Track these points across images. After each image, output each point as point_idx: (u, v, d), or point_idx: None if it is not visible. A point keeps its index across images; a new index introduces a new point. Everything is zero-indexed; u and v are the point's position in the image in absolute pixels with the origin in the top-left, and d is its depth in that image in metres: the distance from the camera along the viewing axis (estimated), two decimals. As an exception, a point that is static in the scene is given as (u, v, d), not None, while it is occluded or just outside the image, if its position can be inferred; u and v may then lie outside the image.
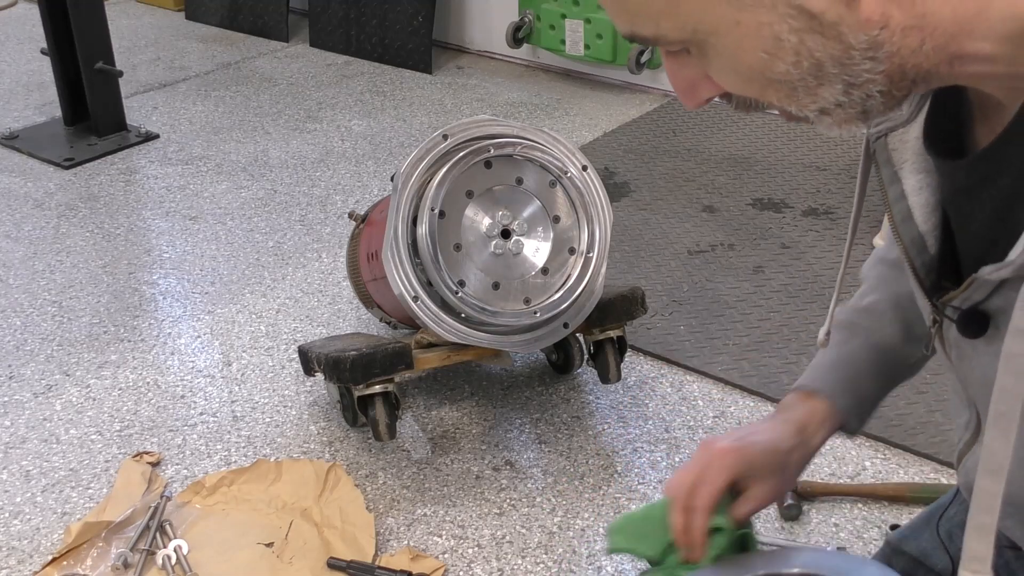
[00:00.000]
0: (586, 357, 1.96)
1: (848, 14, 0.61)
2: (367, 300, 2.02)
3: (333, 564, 1.56)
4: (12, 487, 1.74)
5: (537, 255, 1.66)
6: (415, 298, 1.61)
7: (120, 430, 1.87)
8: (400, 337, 1.83)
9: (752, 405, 1.91)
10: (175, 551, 1.59)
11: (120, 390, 1.98)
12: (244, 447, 1.83)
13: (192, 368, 2.05)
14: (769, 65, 0.64)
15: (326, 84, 3.55)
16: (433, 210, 1.58)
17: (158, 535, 1.62)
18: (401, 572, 1.53)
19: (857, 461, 1.75)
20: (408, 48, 3.65)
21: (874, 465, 1.75)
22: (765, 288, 2.27)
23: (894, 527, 1.58)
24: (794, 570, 0.94)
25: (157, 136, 3.11)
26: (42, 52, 3.04)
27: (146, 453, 1.80)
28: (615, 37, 3.26)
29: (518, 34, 3.51)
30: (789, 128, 3.01)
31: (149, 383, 2.00)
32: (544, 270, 1.66)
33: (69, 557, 1.57)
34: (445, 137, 1.64)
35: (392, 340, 1.74)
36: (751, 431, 0.97)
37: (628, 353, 1.96)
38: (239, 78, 3.61)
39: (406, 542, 1.62)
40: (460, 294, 1.59)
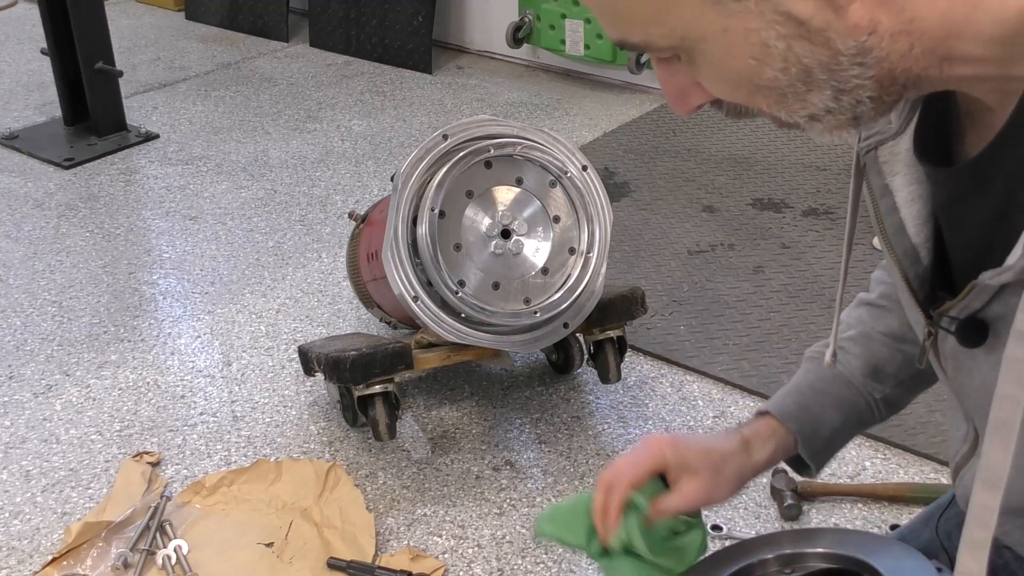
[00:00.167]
0: (586, 357, 1.96)
1: (836, 20, 0.61)
2: (367, 300, 2.02)
3: (333, 564, 1.56)
4: (12, 487, 1.74)
5: (537, 255, 1.66)
6: (415, 298, 1.61)
7: (120, 430, 1.87)
8: (400, 337, 1.83)
9: (752, 405, 1.91)
10: (175, 551, 1.59)
11: (120, 390, 1.98)
12: (244, 447, 1.83)
13: (192, 368, 2.05)
14: (757, 71, 0.64)
15: (326, 84, 3.55)
16: (433, 210, 1.58)
17: (158, 535, 1.62)
18: (401, 572, 1.53)
19: (857, 461, 1.75)
20: (408, 48, 3.65)
21: (874, 465, 1.75)
22: (765, 288, 2.27)
23: (894, 527, 1.58)
24: (818, 548, 0.94)
25: (157, 136, 3.11)
26: (42, 52, 3.04)
27: (146, 453, 1.80)
28: (615, 37, 3.26)
29: (518, 34, 3.51)
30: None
31: (149, 383, 2.00)
32: (544, 270, 1.66)
33: (69, 557, 1.57)
34: (445, 137, 1.64)
35: (392, 340, 1.74)
36: (695, 434, 1.01)
37: (628, 353, 1.96)
38: (239, 78, 3.61)
39: (406, 542, 1.62)
40: (460, 294, 1.59)
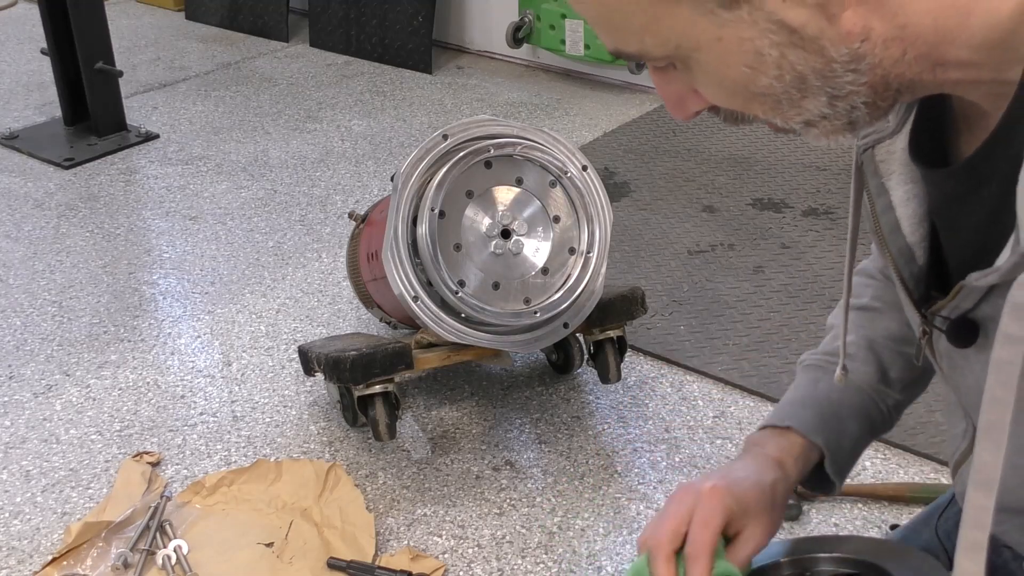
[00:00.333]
0: (586, 357, 1.96)
1: (828, 27, 0.61)
2: (367, 300, 2.02)
3: (333, 564, 1.56)
4: (12, 487, 1.74)
5: (537, 255, 1.66)
6: (415, 298, 1.61)
7: (120, 430, 1.87)
8: (400, 337, 1.83)
9: (752, 405, 1.91)
10: (175, 551, 1.59)
11: (120, 390, 1.98)
12: (244, 447, 1.83)
13: (192, 368, 2.05)
14: (752, 79, 0.64)
15: (326, 84, 3.55)
16: (433, 210, 1.58)
17: (158, 535, 1.62)
18: (401, 572, 1.53)
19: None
20: (408, 48, 3.65)
21: (874, 465, 1.75)
22: (765, 288, 2.27)
23: (894, 527, 1.58)
24: (835, 553, 0.92)
25: (157, 136, 3.11)
26: (42, 52, 3.03)
27: (146, 453, 1.80)
28: (615, 37, 3.26)
29: (518, 34, 3.51)
30: (789, 128, 3.01)
31: (149, 383, 2.00)
32: (544, 270, 1.66)
33: (69, 557, 1.57)
34: (445, 137, 1.64)
35: (392, 340, 1.74)
36: (729, 469, 0.92)
37: (628, 353, 1.96)
38: (239, 78, 3.61)
39: (406, 542, 1.62)
40: (460, 294, 1.59)
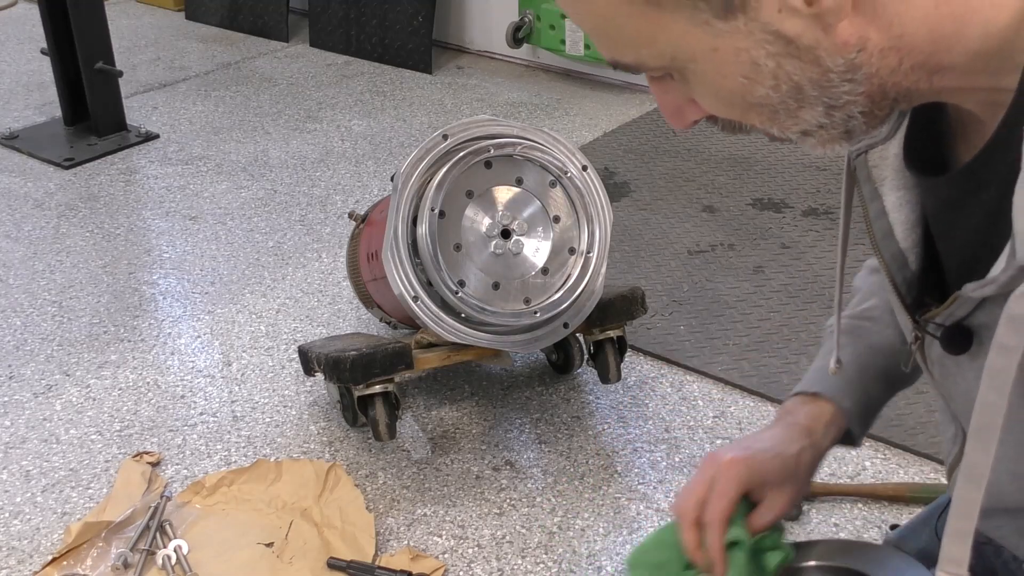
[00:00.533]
0: (586, 357, 1.96)
1: (825, 38, 0.61)
2: (367, 300, 2.02)
3: (333, 564, 1.56)
4: (12, 487, 1.74)
5: (537, 255, 1.66)
6: (415, 298, 1.61)
7: (120, 430, 1.87)
8: (400, 337, 1.83)
9: (752, 405, 1.91)
10: (175, 551, 1.59)
11: (120, 390, 1.98)
12: (244, 447, 1.83)
13: (192, 368, 2.05)
14: (749, 89, 0.65)
15: (326, 84, 3.55)
16: (433, 210, 1.58)
17: (158, 535, 1.62)
18: (401, 572, 1.53)
19: (857, 461, 1.75)
20: (408, 48, 3.65)
21: (874, 465, 1.75)
22: (765, 288, 2.27)
23: (894, 527, 1.58)
24: (811, 562, 0.93)
25: (157, 136, 3.11)
26: (42, 52, 3.03)
27: (146, 453, 1.80)
28: (615, 37, 3.26)
29: (518, 34, 3.51)
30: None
31: (149, 383, 2.00)
32: (544, 270, 1.66)
33: (69, 557, 1.57)
34: (445, 137, 1.64)
35: (392, 340, 1.74)
36: (755, 439, 0.95)
37: (628, 353, 1.96)
38: (239, 78, 3.61)
39: (406, 542, 1.62)
40: (460, 294, 1.59)
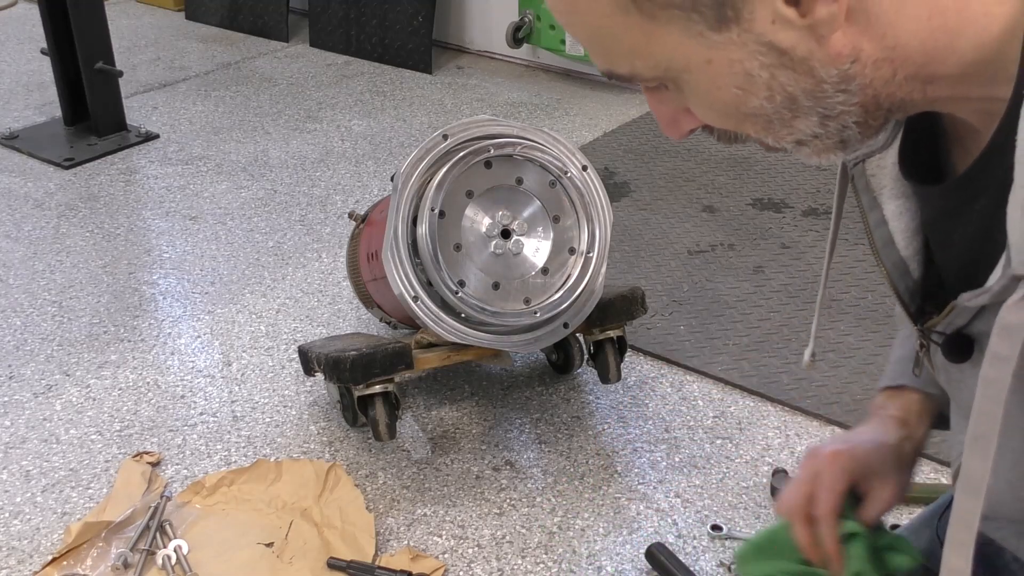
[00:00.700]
0: (586, 357, 1.96)
1: (818, 49, 0.62)
2: (367, 300, 2.02)
3: (333, 564, 1.56)
4: (12, 487, 1.74)
5: (537, 255, 1.66)
6: (415, 298, 1.61)
7: (120, 430, 1.87)
8: (400, 337, 1.83)
9: (752, 405, 1.91)
10: (175, 551, 1.59)
11: (120, 390, 1.98)
12: (244, 447, 1.83)
13: (192, 368, 2.05)
14: (743, 100, 0.65)
15: (326, 84, 3.55)
16: (433, 210, 1.58)
17: (158, 535, 1.62)
18: (401, 572, 1.53)
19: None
20: (408, 48, 3.65)
21: (874, 465, 1.75)
22: (765, 288, 2.27)
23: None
24: None
25: (157, 136, 3.11)
26: (42, 52, 3.03)
27: (146, 453, 1.80)
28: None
29: (518, 34, 3.51)
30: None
31: (149, 383, 2.00)
32: (544, 270, 1.66)
33: (69, 557, 1.57)
34: (445, 137, 1.64)
35: (392, 340, 1.74)
36: (853, 433, 0.95)
37: (628, 353, 1.96)
38: (239, 78, 3.61)
39: (406, 542, 1.62)
40: (460, 294, 1.59)
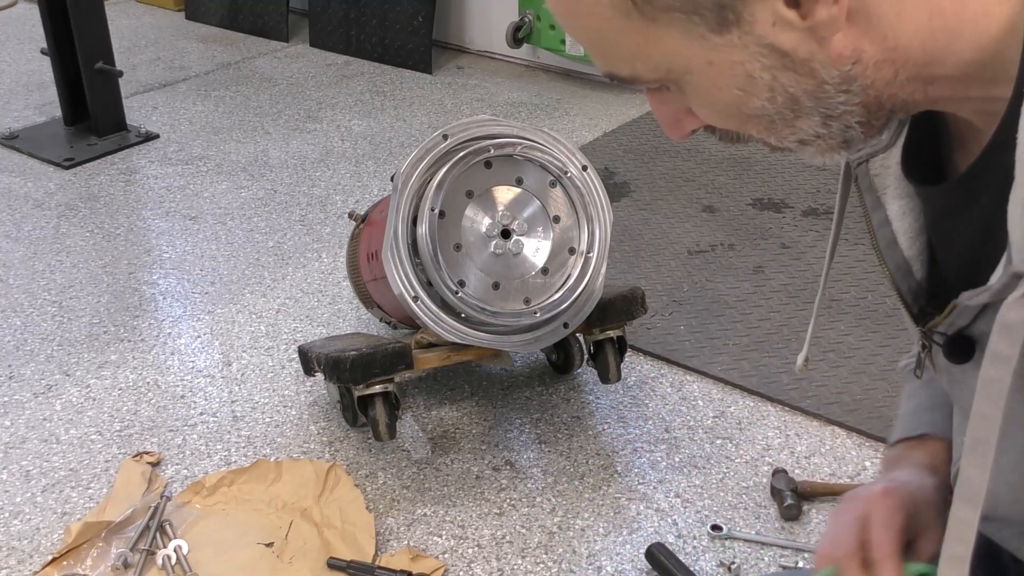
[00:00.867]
0: (586, 357, 1.96)
1: (819, 50, 0.62)
2: (367, 300, 2.02)
3: (333, 564, 1.56)
4: (12, 487, 1.74)
5: (537, 255, 1.66)
6: (415, 298, 1.61)
7: (120, 430, 1.87)
8: (400, 337, 1.83)
9: (752, 405, 1.91)
10: (175, 551, 1.59)
11: (120, 390, 1.98)
12: (244, 447, 1.83)
13: (192, 368, 2.05)
14: (744, 101, 0.65)
15: (326, 84, 3.55)
16: (433, 210, 1.58)
17: (158, 535, 1.62)
18: (401, 572, 1.53)
19: (857, 461, 1.75)
20: (408, 48, 3.65)
21: (874, 465, 1.74)
22: (765, 288, 2.27)
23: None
24: None
25: (157, 136, 3.11)
26: (42, 52, 3.03)
27: (146, 453, 1.80)
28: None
29: (518, 34, 3.51)
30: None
31: (149, 383, 2.00)
32: (544, 270, 1.66)
33: (69, 557, 1.57)
34: (445, 137, 1.64)
35: (392, 340, 1.74)
36: (892, 476, 0.88)
37: (628, 353, 1.96)
38: (239, 78, 3.61)
39: (406, 542, 1.62)
40: (460, 294, 1.59)
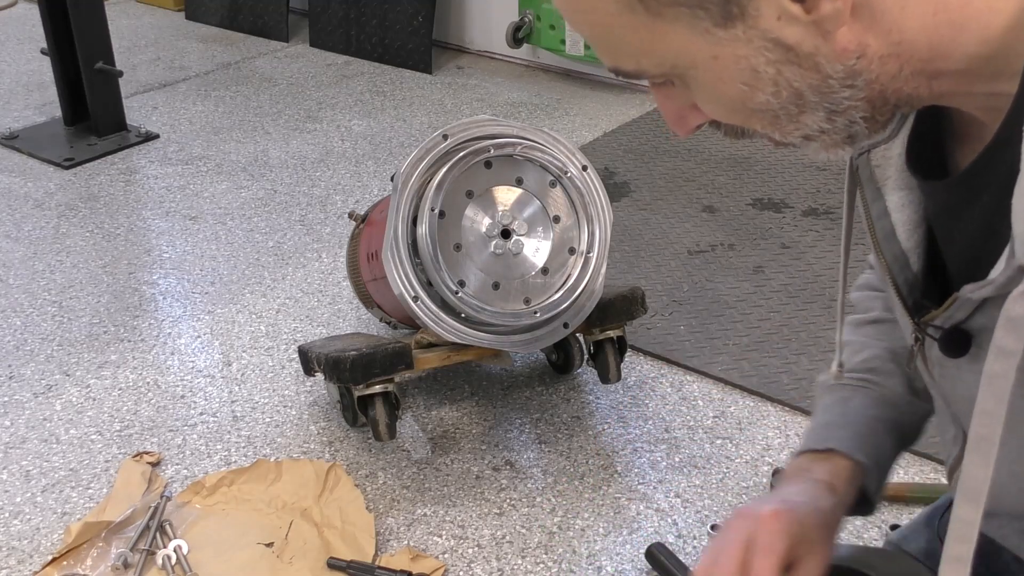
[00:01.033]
0: (586, 357, 1.96)
1: (824, 45, 0.62)
2: (367, 300, 2.02)
3: (333, 564, 1.56)
4: (12, 487, 1.74)
5: (537, 255, 1.66)
6: (415, 298, 1.61)
7: (120, 430, 1.87)
8: (400, 337, 1.83)
9: (752, 405, 1.91)
10: (175, 551, 1.59)
11: (120, 390, 1.98)
12: (244, 447, 1.83)
13: (192, 368, 2.05)
14: (749, 96, 0.65)
15: (326, 84, 3.55)
16: (433, 210, 1.58)
17: (158, 535, 1.62)
18: (401, 572, 1.53)
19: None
20: (408, 48, 3.65)
21: (874, 465, 1.74)
22: (765, 288, 2.27)
23: (894, 527, 1.58)
24: None
25: (157, 136, 3.11)
26: (42, 52, 3.03)
27: (146, 453, 1.80)
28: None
29: (518, 34, 3.51)
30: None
31: (149, 383, 2.00)
32: (544, 270, 1.66)
33: (69, 557, 1.57)
34: (445, 137, 1.64)
35: (392, 340, 1.74)
36: (785, 493, 0.87)
37: (628, 353, 1.96)
38: (239, 78, 3.61)
39: (406, 542, 1.62)
40: (460, 294, 1.59)
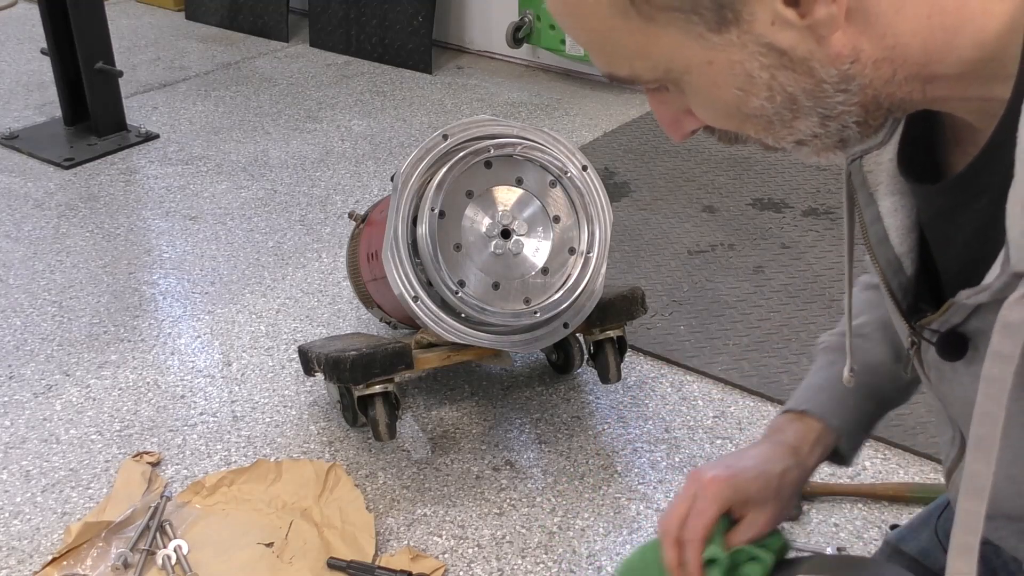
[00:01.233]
0: (586, 357, 1.96)
1: (818, 49, 0.62)
2: (367, 300, 2.02)
3: (333, 564, 1.56)
4: (12, 487, 1.74)
5: (537, 255, 1.66)
6: (415, 298, 1.61)
7: (120, 430, 1.87)
8: (400, 337, 1.83)
9: (752, 405, 1.91)
10: (175, 551, 1.59)
11: (120, 390, 1.98)
12: (244, 447, 1.83)
13: (192, 368, 2.05)
14: (744, 101, 0.65)
15: (326, 84, 3.55)
16: (433, 210, 1.58)
17: (158, 535, 1.62)
18: (401, 572, 1.53)
19: (857, 461, 1.75)
20: (408, 48, 3.65)
21: (874, 465, 1.75)
22: (765, 288, 2.27)
23: (894, 527, 1.58)
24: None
25: (157, 136, 3.11)
26: (42, 52, 3.03)
27: (146, 453, 1.80)
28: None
29: (518, 34, 3.51)
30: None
31: (149, 383, 2.00)
32: (544, 270, 1.66)
33: (69, 557, 1.57)
34: (445, 137, 1.64)
35: (392, 340, 1.74)
36: (740, 456, 0.96)
37: (628, 353, 1.96)
38: (239, 78, 3.61)
39: (406, 542, 1.62)
40: (460, 294, 1.59)
